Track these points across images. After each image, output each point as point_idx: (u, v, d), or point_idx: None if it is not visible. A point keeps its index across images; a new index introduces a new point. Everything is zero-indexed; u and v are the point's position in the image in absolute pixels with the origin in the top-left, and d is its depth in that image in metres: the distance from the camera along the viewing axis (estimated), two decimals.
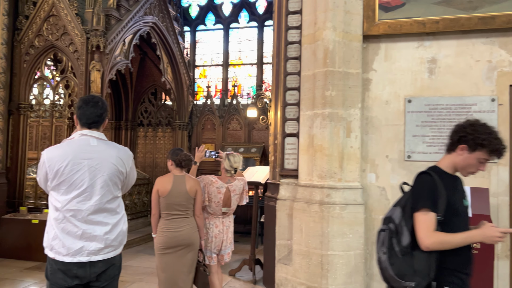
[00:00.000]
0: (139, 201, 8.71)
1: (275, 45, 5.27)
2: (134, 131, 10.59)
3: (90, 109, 2.41)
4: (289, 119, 4.87)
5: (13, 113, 7.03)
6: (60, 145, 2.43)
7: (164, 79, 9.37)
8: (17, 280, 5.38)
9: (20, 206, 6.87)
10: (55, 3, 6.91)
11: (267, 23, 11.21)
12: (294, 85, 4.87)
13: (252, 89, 11.25)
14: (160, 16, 8.88)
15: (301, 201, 4.51)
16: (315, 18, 4.55)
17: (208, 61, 11.74)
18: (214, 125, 10.64)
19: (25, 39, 7.08)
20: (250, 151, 9.58)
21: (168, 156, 3.83)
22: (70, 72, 7.11)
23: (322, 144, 4.36)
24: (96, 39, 6.72)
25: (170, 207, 3.66)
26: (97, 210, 2.35)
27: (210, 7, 11.74)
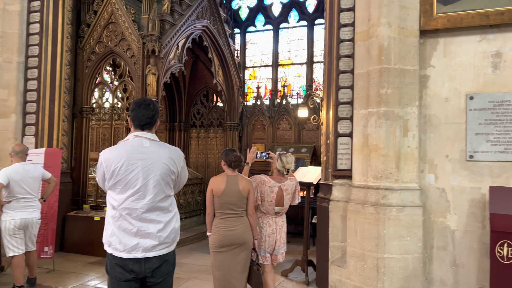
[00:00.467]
0: (192, 200, 8.93)
1: (326, 44, 5.20)
2: (187, 132, 10.89)
3: (142, 111, 2.50)
4: (341, 118, 4.79)
5: (76, 116, 7.46)
6: (116, 147, 2.54)
7: (216, 81, 9.55)
8: (81, 274, 5.71)
9: (83, 204, 7.29)
10: (114, 11, 7.25)
11: (317, 22, 11.10)
12: (346, 83, 4.78)
13: (302, 88, 11.18)
14: (212, 19, 9.06)
15: (355, 203, 4.42)
16: (369, 15, 4.44)
17: (258, 62, 11.81)
18: (264, 125, 10.68)
19: (87, 46, 7.50)
20: (300, 151, 9.51)
21: (221, 157, 3.89)
22: (127, 76, 7.43)
23: (378, 144, 4.25)
24: (151, 43, 6.98)
25: (224, 206, 3.73)
26: (151, 209, 2.44)
27: (260, 8, 11.81)
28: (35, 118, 6.78)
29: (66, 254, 6.69)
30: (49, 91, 6.85)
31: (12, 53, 6.73)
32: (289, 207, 4.34)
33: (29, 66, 6.84)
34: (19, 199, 4.81)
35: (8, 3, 6.72)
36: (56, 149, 6.46)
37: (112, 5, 7.27)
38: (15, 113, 6.71)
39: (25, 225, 4.83)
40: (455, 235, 4.16)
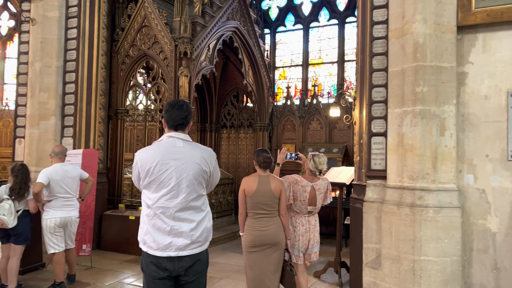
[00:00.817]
0: (224, 200, 9.00)
1: (359, 42, 5.12)
2: (218, 133, 10.99)
3: (176, 112, 2.55)
4: (375, 118, 4.70)
5: (111, 118, 7.68)
6: (150, 147, 2.60)
7: (246, 81, 9.59)
8: (117, 272, 5.86)
9: (118, 203, 7.48)
10: (147, 15, 7.41)
11: (348, 20, 10.96)
12: (380, 82, 4.69)
13: (333, 88, 11.07)
14: (242, 20, 9.11)
15: (390, 204, 4.33)
16: (403, 11, 4.34)
17: (288, 62, 11.77)
18: (294, 125, 10.64)
19: (121, 49, 7.70)
20: (332, 151, 9.41)
21: (254, 158, 3.92)
22: (160, 79, 7.58)
23: (413, 143, 4.14)
24: (183, 46, 7.09)
25: (256, 207, 3.74)
26: (183, 208, 2.47)
27: (290, 7, 11.77)
28: (73, 120, 7.02)
29: (102, 252, 6.89)
30: (86, 93, 7.09)
31: (52, 58, 6.99)
32: (320, 208, 4.35)
33: (67, 70, 7.10)
34: (59, 198, 4.99)
35: (47, 10, 7.00)
36: (93, 150, 6.66)
37: (145, 9, 7.43)
38: (54, 116, 6.97)
39: (64, 223, 5.01)
40: (496, 238, 4.00)
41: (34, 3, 7.04)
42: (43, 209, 4.97)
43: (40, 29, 6.99)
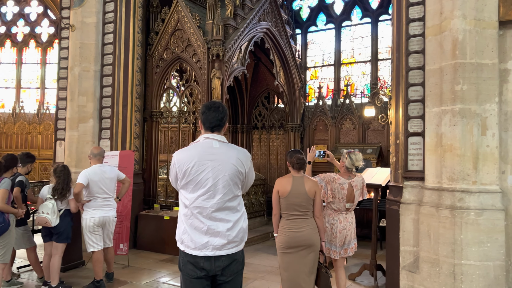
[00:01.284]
0: (256, 201, 9.02)
1: (394, 40, 5.00)
2: (249, 134, 11.02)
3: (212, 113, 2.59)
4: (412, 117, 4.58)
5: (146, 120, 7.86)
6: (187, 148, 2.64)
7: (277, 82, 9.58)
8: (153, 271, 5.98)
9: (153, 203, 7.64)
10: (180, 18, 7.54)
11: (381, 18, 10.75)
12: (417, 80, 4.57)
13: (366, 87, 10.88)
14: (273, 21, 9.11)
15: (428, 205, 4.21)
16: (441, 7, 4.22)
17: (320, 62, 11.67)
18: (326, 126, 10.53)
19: (155, 53, 7.87)
20: (366, 152, 9.24)
21: (287, 158, 3.91)
22: (193, 81, 7.69)
23: (453, 144, 4.01)
24: (216, 48, 7.16)
25: (290, 208, 3.72)
26: (220, 208, 2.50)
27: (321, 7, 11.68)
28: (109, 122, 7.23)
29: (139, 251, 7.05)
30: (122, 97, 7.28)
31: (90, 62, 7.23)
32: (354, 210, 4.41)
33: (104, 74, 7.32)
34: (98, 199, 5.14)
35: (86, 16, 7.24)
36: (129, 152, 6.83)
37: (178, 13, 7.56)
38: (92, 118, 7.20)
39: (103, 222, 5.16)
40: None
41: (74, 10, 7.30)
42: (83, 209, 5.14)
43: (79, 35, 7.25)
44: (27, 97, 14.89)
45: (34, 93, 14.96)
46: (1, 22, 15.00)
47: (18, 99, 14.71)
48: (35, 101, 14.80)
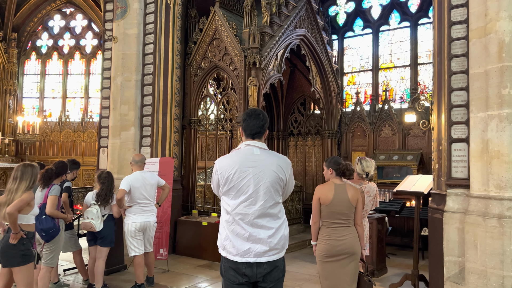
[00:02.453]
0: (292, 208, 8.98)
1: (435, 43, 4.87)
2: (285, 140, 11.01)
3: (253, 121, 2.62)
4: (456, 123, 4.43)
5: (185, 127, 8.03)
6: (229, 155, 2.68)
7: (313, 88, 9.53)
8: (192, 276, 6.07)
9: (192, 209, 7.77)
10: (218, 28, 7.68)
11: (421, 22, 10.48)
12: (460, 84, 4.43)
13: (405, 92, 10.62)
14: (309, 27, 9.09)
15: (474, 214, 4.04)
16: (485, 9, 4.07)
17: (357, 67, 11.51)
18: (364, 132, 10.33)
19: (193, 62, 8.04)
20: (406, 159, 9.00)
21: (328, 165, 3.83)
22: (230, 89, 7.79)
23: (500, 150, 3.85)
24: (252, 56, 7.23)
25: (332, 216, 3.66)
26: (261, 215, 2.51)
27: (358, 12, 11.54)
28: (150, 130, 7.44)
29: (177, 256, 7.17)
30: (162, 105, 7.48)
31: (131, 72, 7.49)
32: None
33: (145, 83, 7.56)
34: (139, 204, 5.29)
35: (127, 28, 7.52)
36: (169, 158, 7.00)
37: (215, 22, 7.70)
38: (134, 126, 7.44)
39: (143, 227, 5.30)
40: None
41: (116, 22, 7.60)
42: (125, 214, 5.30)
43: (121, 46, 7.53)
44: (72, 106, 15.58)
45: (78, 102, 15.64)
46: (48, 35, 15.83)
47: (64, 109, 15.43)
48: (79, 110, 15.47)
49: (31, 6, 15.14)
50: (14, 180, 3.65)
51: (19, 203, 3.54)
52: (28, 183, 3.66)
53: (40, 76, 15.70)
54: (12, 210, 3.48)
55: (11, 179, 3.68)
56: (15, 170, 3.72)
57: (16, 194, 3.59)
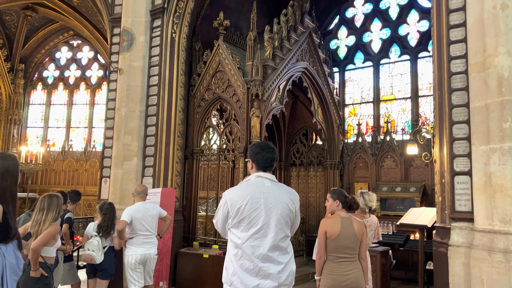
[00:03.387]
0: (295, 240, 8.85)
1: (436, 77, 4.95)
2: (287, 171, 10.99)
3: (267, 154, 2.66)
4: (458, 156, 4.44)
5: (188, 157, 8.05)
6: (239, 187, 2.67)
7: (315, 120, 9.60)
8: None
9: (193, 241, 7.68)
10: (221, 60, 7.84)
11: (420, 55, 10.69)
12: (461, 118, 4.47)
13: (407, 124, 10.69)
14: (311, 60, 9.26)
15: (479, 249, 3.99)
16: (484, 45, 4.17)
17: (358, 99, 11.65)
18: (366, 163, 10.33)
19: (197, 93, 8.16)
20: (409, 191, 8.96)
21: (335, 197, 3.79)
22: (233, 119, 7.86)
23: (503, 183, 3.84)
24: (255, 88, 7.34)
25: (339, 250, 3.60)
26: (272, 248, 2.48)
27: (359, 46, 11.79)
28: (153, 160, 7.47)
29: None
30: (165, 135, 7.54)
31: (135, 103, 7.59)
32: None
33: (148, 114, 7.64)
34: (140, 236, 5.24)
35: (133, 60, 7.68)
36: (171, 189, 6.98)
37: (219, 55, 7.87)
38: (136, 157, 7.47)
39: (144, 260, 5.23)
40: None
41: (122, 54, 7.78)
42: (125, 246, 5.24)
43: (126, 78, 7.67)
44: (75, 136, 15.71)
45: (82, 132, 15.78)
46: (55, 66, 16.16)
47: (67, 138, 15.55)
48: (82, 139, 15.59)
49: (39, 38, 15.54)
50: (41, 211, 3.59)
51: (46, 238, 3.47)
52: (54, 214, 3.62)
53: (45, 106, 15.92)
54: (37, 246, 3.39)
55: (37, 210, 3.62)
56: (41, 201, 3.67)
57: (44, 226, 3.53)
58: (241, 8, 10.12)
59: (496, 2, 4.07)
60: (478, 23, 4.24)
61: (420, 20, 10.84)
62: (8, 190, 2.46)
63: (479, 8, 4.24)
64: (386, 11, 11.44)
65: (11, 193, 2.48)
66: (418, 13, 10.90)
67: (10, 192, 2.47)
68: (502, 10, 4.02)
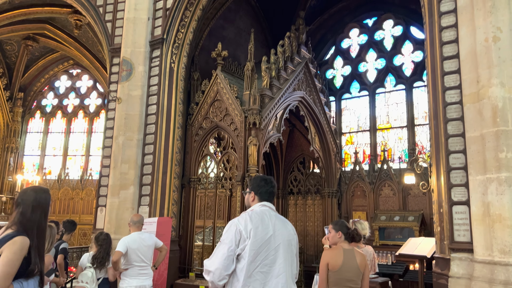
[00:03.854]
0: None
1: (431, 107, 5.01)
2: (285, 199, 10.93)
3: (270, 188, 2.73)
4: (455, 185, 4.45)
5: (184, 186, 8.01)
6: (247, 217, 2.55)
7: (312, 148, 9.64)
8: None
9: (189, 271, 7.54)
10: (219, 90, 7.93)
11: (415, 85, 10.84)
12: (457, 147, 4.50)
13: (404, 152, 10.72)
14: (307, 90, 9.39)
15: (480, 280, 3.94)
16: (477, 76, 4.25)
17: (355, 127, 11.73)
18: (364, 192, 10.30)
19: (195, 122, 8.21)
20: (407, 220, 8.89)
21: (337, 228, 3.73)
22: (230, 148, 7.88)
23: (501, 214, 3.83)
24: (252, 117, 7.40)
25: (341, 283, 3.51)
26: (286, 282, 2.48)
27: (354, 75, 11.97)
28: (149, 189, 7.42)
29: None
30: (162, 164, 7.53)
31: (133, 132, 7.62)
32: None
33: (146, 143, 7.65)
34: (135, 267, 5.12)
35: (132, 89, 7.76)
36: (167, 218, 6.91)
37: (217, 85, 7.97)
38: (133, 185, 7.43)
39: None
40: None
41: (121, 84, 7.86)
42: (120, 277, 5.12)
43: (125, 107, 7.72)
44: (72, 164, 15.64)
45: (79, 160, 15.72)
46: (54, 95, 16.27)
47: (64, 166, 15.47)
48: (79, 167, 15.50)
49: (39, 67, 15.72)
50: None
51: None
52: (47, 245, 3.56)
53: (42, 134, 15.92)
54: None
55: None
56: None
57: None
58: (239, 38, 10.33)
59: (488, 35, 4.17)
60: (471, 55, 4.34)
61: (414, 51, 11.06)
62: (37, 224, 2.43)
63: (472, 40, 4.34)
64: (381, 42, 11.69)
65: (39, 228, 2.44)
66: (412, 44, 11.13)
67: (38, 226, 2.43)
68: (494, 42, 4.12)
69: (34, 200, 2.47)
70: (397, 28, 11.46)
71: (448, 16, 4.77)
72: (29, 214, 2.41)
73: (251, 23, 10.82)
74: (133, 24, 7.96)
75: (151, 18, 8.06)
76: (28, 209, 2.41)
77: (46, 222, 2.53)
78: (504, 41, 4.09)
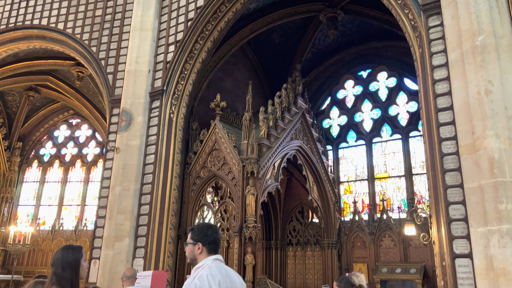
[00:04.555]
0: None
1: (428, 158, 5.03)
2: (283, 250, 10.66)
3: (217, 234, 2.57)
4: (456, 237, 4.37)
5: (181, 237, 7.83)
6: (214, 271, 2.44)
7: (311, 197, 9.57)
8: None
9: None
10: (217, 139, 7.99)
11: (412, 134, 10.97)
12: (457, 198, 4.47)
13: (403, 202, 10.64)
14: (305, 139, 9.47)
15: None
16: (472, 127, 4.31)
17: (353, 176, 11.71)
18: (364, 242, 10.09)
19: (193, 171, 8.19)
20: (409, 272, 8.65)
21: (340, 285, 3.76)
22: (228, 197, 7.81)
23: (505, 267, 3.74)
24: (250, 166, 7.41)
25: None
26: None
27: (351, 125, 12.13)
28: (145, 241, 7.25)
29: None
30: (159, 214, 7.41)
31: (130, 182, 7.56)
32: None
33: (143, 193, 7.58)
34: None
35: (130, 139, 7.80)
36: (162, 272, 6.68)
37: (216, 134, 8.04)
38: (128, 237, 7.26)
39: None
40: None
41: (120, 134, 7.91)
42: None
43: (123, 156, 7.72)
44: (67, 214, 15.37)
45: (74, 210, 15.47)
46: (52, 144, 16.31)
47: (59, 216, 15.18)
48: (74, 218, 15.22)
49: (39, 117, 15.89)
50: None
51: None
52: None
53: (39, 184, 15.78)
54: None
55: None
56: None
57: None
58: (237, 90, 10.58)
59: (480, 88, 4.28)
60: (464, 107, 4.42)
61: (409, 101, 11.30)
62: (69, 280, 2.56)
63: (464, 93, 4.44)
64: (376, 92, 11.97)
65: (72, 284, 2.57)
66: (407, 95, 11.39)
67: (71, 282, 2.57)
68: (487, 95, 4.21)
69: (62, 260, 2.61)
70: (391, 80, 11.78)
71: (440, 70, 4.91)
72: (60, 272, 2.57)
73: (249, 75, 11.14)
74: (134, 76, 8.15)
75: (152, 71, 8.27)
76: (58, 269, 2.58)
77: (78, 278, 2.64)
78: (496, 94, 4.19)
